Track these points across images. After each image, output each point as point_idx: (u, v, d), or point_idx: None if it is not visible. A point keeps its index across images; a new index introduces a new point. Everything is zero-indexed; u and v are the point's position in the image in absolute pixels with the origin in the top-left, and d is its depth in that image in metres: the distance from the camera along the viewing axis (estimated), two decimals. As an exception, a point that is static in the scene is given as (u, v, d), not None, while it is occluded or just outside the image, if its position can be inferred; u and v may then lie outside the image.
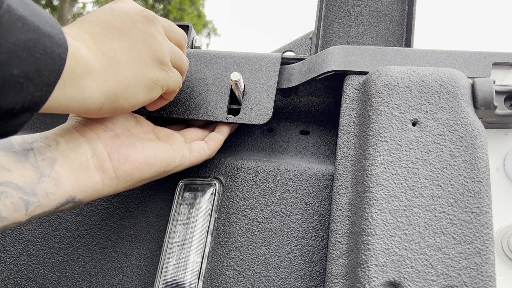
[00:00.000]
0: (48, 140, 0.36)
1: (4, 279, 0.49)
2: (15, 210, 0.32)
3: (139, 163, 0.40)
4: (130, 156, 0.40)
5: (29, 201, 0.32)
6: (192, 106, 0.49)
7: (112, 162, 0.39)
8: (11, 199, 0.31)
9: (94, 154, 0.38)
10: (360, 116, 0.44)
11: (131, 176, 0.40)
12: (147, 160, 0.41)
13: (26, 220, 0.33)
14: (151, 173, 0.42)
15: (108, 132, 0.40)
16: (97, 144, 0.38)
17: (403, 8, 0.63)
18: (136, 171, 0.40)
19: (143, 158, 0.40)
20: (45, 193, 0.33)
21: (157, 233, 0.48)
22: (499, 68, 0.46)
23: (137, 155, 0.40)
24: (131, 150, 0.40)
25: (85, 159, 0.37)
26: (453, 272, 0.34)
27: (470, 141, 0.38)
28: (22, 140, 0.35)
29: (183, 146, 0.45)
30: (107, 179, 0.38)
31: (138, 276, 0.47)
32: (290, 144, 0.54)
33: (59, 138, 0.37)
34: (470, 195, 0.37)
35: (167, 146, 0.43)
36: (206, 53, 0.52)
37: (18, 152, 0.33)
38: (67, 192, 0.35)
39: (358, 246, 0.37)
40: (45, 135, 0.36)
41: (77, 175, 0.36)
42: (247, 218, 0.47)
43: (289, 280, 0.43)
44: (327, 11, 0.66)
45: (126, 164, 0.39)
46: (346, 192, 0.41)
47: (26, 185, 0.32)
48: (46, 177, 0.34)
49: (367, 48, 0.47)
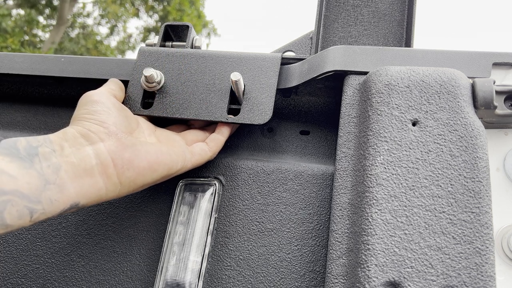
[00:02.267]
0: (53, 144, 0.36)
1: (4, 279, 0.49)
2: (20, 218, 0.32)
3: (142, 168, 0.40)
4: (133, 161, 0.40)
5: (33, 208, 0.33)
6: (192, 106, 0.49)
7: (116, 168, 0.39)
8: (17, 207, 0.32)
9: (98, 160, 0.38)
10: (360, 116, 0.44)
11: (134, 181, 0.40)
12: (150, 165, 0.41)
13: (29, 225, 0.34)
14: (153, 178, 0.42)
15: (112, 137, 0.40)
16: (101, 149, 0.38)
17: (403, 8, 0.63)
18: (139, 176, 0.40)
19: (147, 164, 0.41)
20: (49, 200, 0.34)
21: (157, 233, 0.48)
22: (499, 68, 0.46)
23: (141, 160, 0.40)
24: (134, 155, 0.40)
25: (90, 165, 0.37)
26: (453, 272, 0.34)
27: (470, 141, 0.38)
28: (27, 144, 0.35)
29: (185, 150, 0.45)
30: (110, 185, 0.38)
31: (138, 276, 0.47)
32: (290, 144, 0.54)
33: (64, 142, 0.37)
34: (470, 195, 0.37)
35: (169, 150, 0.43)
36: (206, 53, 0.52)
37: (24, 158, 0.33)
38: (71, 198, 0.36)
39: (358, 246, 0.37)
40: (50, 139, 0.37)
41: (81, 181, 0.36)
42: (247, 218, 0.47)
43: (289, 280, 0.43)
44: (327, 11, 0.66)
45: (130, 170, 0.39)
46: (346, 192, 0.41)
47: (31, 193, 0.33)
48: (51, 184, 0.34)
49: (367, 48, 0.47)
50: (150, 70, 0.48)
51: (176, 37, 0.60)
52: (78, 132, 0.39)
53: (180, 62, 0.52)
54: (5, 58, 0.59)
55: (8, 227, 0.32)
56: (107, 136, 0.39)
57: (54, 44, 6.33)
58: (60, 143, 0.37)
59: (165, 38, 0.59)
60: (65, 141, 0.37)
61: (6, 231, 0.32)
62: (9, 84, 0.63)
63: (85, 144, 0.38)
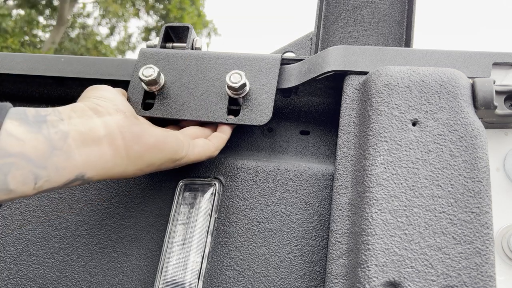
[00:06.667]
0: (62, 114, 0.36)
1: (4, 279, 0.49)
2: (24, 183, 0.31)
3: (150, 145, 0.40)
4: (142, 136, 0.40)
5: (38, 174, 0.32)
6: (192, 107, 0.49)
7: (124, 140, 0.39)
8: (21, 171, 0.31)
9: (106, 130, 0.38)
10: (360, 116, 0.44)
11: (142, 158, 0.40)
12: (157, 144, 0.41)
13: (33, 194, 0.33)
14: (160, 158, 0.42)
15: (120, 113, 0.40)
16: (109, 121, 0.38)
17: (403, 8, 0.63)
18: (147, 153, 0.40)
19: (155, 141, 0.41)
20: (55, 167, 0.33)
21: (157, 233, 0.48)
22: (499, 68, 0.46)
23: (149, 137, 0.40)
24: (143, 131, 0.40)
25: (97, 135, 0.37)
26: (453, 272, 0.34)
27: (470, 141, 0.38)
28: (36, 112, 0.34)
29: (188, 140, 0.46)
30: (118, 157, 0.38)
31: (138, 276, 0.47)
32: (290, 144, 0.54)
33: (72, 113, 0.37)
34: (470, 195, 0.37)
35: (174, 135, 0.44)
36: (206, 54, 0.52)
37: (32, 123, 0.33)
38: (78, 167, 0.35)
39: (358, 246, 0.37)
40: (59, 110, 0.36)
41: (88, 150, 0.36)
42: (247, 218, 0.47)
43: (289, 280, 0.43)
44: (327, 12, 0.66)
45: (138, 144, 0.39)
46: (346, 192, 0.41)
47: (37, 157, 0.32)
48: (58, 150, 0.33)
49: (367, 48, 0.47)
50: (151, 70, 0.48)
51: (176, 38, 0.60)
52: (87, 106, 0.39)
53: (181, 63, 0.52)
54: (5, 58, 0.59)
55: (11, 193, 0.31)
56: (116, 111, 0.40)
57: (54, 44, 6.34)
58: (69, 114, 0.36)
59: (166, 39, 0.59)
60: (74, 112, 0.37)
61: (9, 198, 0.31)
62: (9, 84, 0.63)
63: (93, 116, 0.38)
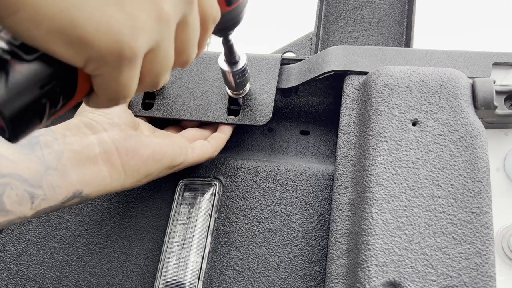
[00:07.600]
0: (55, 133, 0.36)
1: (4, 279, 0.49)
2: (20, 203, 0.31)
3: (146, 157, 0.40)
4: (138, 150, 0.40)
5: (34, 193, 0.32)
6: (192, 107, 0.49)
7: (120, 156, 0.38)
8: (16, 191, 0.30)
9: (102, 148, 0.37)
10: (360, 116, 0.44)
11: (139, 171, 0.40)
12: (154, 155, 0.41)
13: (31, 215, 0.32)
14: (157, 168, 0.42)
15: (115, 127, 0.40)
16: (104, 138, 0.38)
17: (403, 8, 0.63)
18: (143, 165, 0.40)
19: (151, 152, 0.40)
20: (51, 186, 0.33)
21: (157, 233, 0.48)
22: (499, 68, 0.46)
23: (145, 149, 0.40)
24: (138, 144, 0.40)
25: (93, 153, 0.37)
26: (453, 272, 0.34)
27: (470, 141, 0.38)
28: None
29: (186, 145, 0.45)
30: (114, 173, 0.38)
31: (138, 276, 0.47)
32: (290, 144, 0.54)
33: (66, 131, 0.36)
34: (470, 195, 0.37)
35: (171, 143, 0.43)
36: (206, 54, 0.52)
37: (24, 145, 0.33)
38: (74, 185, 0.35)
39: (358, 246, 0.37)
40: (52, 129, 0.36)
41: (84, 168, 0.36)
42: (247, 218, 0.47)
43: (289, 280, 0.43)
44: (327, 12, 0.66)
45: (134, 159, 0.39)
46: (346, 192, 0.41)
47: (31, 177, 0.31)
48: (52, 169, 0.33)
49: (367, 48, 0.47)
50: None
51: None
52: (82, 122, 0.38)
53: None
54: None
55: (9, 214, 0.30)
56: (111, 126, 0.39)
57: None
58: (63, 132, 0.36)
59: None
60: (68, 130, 0.37)
61: (7, 220, 0.30)
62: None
63: (88, 133, 0.38)
